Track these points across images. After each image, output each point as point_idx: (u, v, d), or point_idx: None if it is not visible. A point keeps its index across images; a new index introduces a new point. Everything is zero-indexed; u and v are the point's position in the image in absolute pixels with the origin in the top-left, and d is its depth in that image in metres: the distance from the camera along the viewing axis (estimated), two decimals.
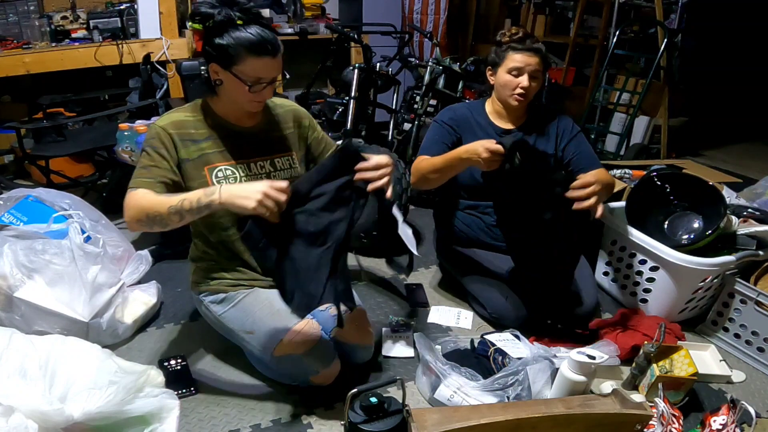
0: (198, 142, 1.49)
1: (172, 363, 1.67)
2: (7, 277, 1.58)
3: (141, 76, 3.15)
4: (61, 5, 3.21)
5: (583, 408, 1.28)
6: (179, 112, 1.51)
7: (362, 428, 1.32)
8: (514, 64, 1.80)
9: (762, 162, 4.06)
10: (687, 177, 2.06)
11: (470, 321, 1.97)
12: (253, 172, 1.54)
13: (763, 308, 1.76)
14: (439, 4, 4.70)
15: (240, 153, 1.54)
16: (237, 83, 1.42)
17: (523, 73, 1.80)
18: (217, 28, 1.39)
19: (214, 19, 1.39)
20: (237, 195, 1.28)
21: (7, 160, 3.23)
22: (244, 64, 1.39)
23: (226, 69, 1.41)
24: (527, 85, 1.80)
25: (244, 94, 1.43)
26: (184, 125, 1.48)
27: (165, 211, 1.33)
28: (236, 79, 1.41)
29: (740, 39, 4.42)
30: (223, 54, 1.40)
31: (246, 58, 1.39)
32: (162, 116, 1.49)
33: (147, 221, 1.35)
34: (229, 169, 1.51)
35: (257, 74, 1.41)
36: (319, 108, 3.43)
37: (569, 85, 4.53)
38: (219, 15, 1.39)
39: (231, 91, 1.45)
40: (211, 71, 1.45)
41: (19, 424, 1.08)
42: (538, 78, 1.83)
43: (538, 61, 1.80)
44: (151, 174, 1.41)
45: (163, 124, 1.46)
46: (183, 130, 1.47)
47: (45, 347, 1.26)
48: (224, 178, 1.49)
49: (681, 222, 1.99)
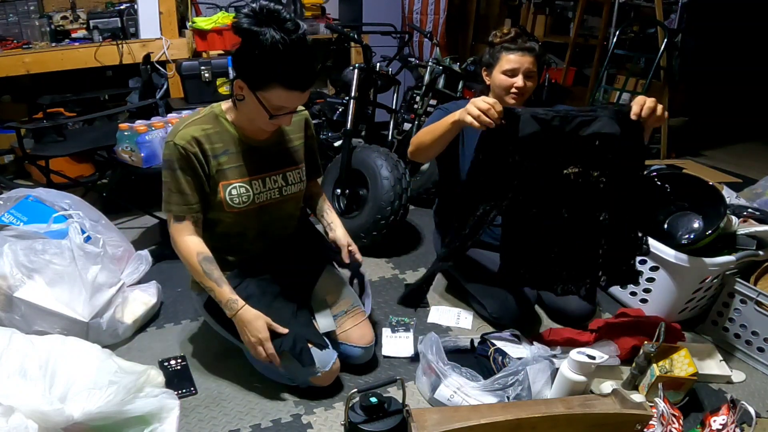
0: (217, 156, 1.48)
1: (172, 363, 1.67)
2: (7, 277, 1.58)
3: (141, 76, 3.15)
4: (61, 5, 3.21)
5: (583, 408, 1.28)
6: (196, 126, 1.45)
7: (362, 428, 1.32)
8: (508, 65, 1.80)
9: (762, 162, 4.05)
10: (687, 177, 2.05)
11: (470, 321, 1.97)
12: (267, 187, 1.56)
13: (763, 308, 1.76)
14: (438, 4, 4.70)
15: (254, 168, 1.53)
16: (259, 106, 1.39)
17: (517, 73, 1.80)
18: (257, 47, 1.30)
19: (259, 40, 1.29)
20: (242, 327, 1.48)
21: (7, 160, 3.23)
22: (271, 93, 1.36)
23: (252, 90, 1.37)
24: (522, 85, 1.80)
25: (262, 118, 1.42)
26: (203, 140, 1.45)
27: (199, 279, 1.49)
28: (258, 103, 1.38)
29: (740, 39, 4.42)
30: (252, 76, 1.35)
31: (275, 88, 1.35)
32: (178, 131, 1.43)
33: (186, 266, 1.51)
34: (243, 186, 1.50)
35: (282, 104, 1.40)
36: (319, 108, 3.42)
37: (569, 85, 4.52)
38: (264, 37, 1.28)
39: (251, 111, 1.43)
40: (235, 85, 1.41)
41: (19, 424, 1.08)
42: (533, 77, 1.82)
43: (532, 60, 1.79)
44: (182, 200, 1.46)
45: (183, 144, 1.41)
46: (203, 146, 1.45)
47: (45, 347, 1.26)
48: (237, 195, 1.50)
49: (681, 222, 1.99)
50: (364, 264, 1.90)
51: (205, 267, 1.46)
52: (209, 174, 1.48)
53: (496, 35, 1.84)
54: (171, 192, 1.46)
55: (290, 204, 1.65)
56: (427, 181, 2.93)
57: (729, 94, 4.62)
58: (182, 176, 1.44)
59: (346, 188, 2.54)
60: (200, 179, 1.46)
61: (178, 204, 1.46)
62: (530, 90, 1.84)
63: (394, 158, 2.40)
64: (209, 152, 1.46)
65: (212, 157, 1.47)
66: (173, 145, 1.42)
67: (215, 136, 1.48)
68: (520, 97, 1.84)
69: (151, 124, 2.33)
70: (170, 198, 1.46)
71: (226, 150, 1.49)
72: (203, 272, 1.46)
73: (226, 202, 1.49)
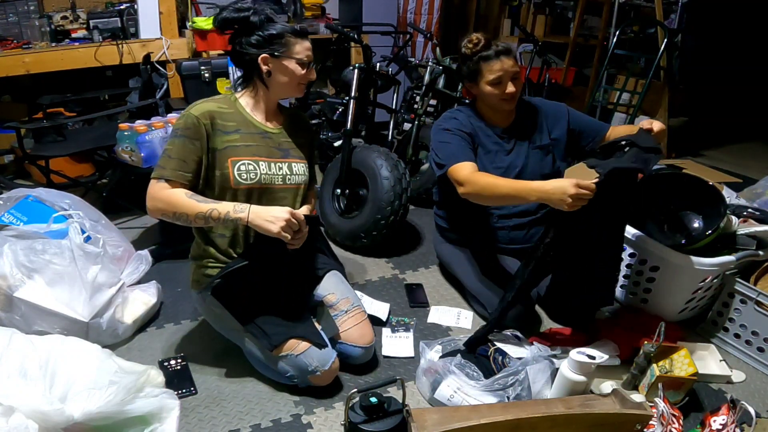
0: (227, 133, 1.55)
1: (172, 363, 1.67)
2: (7, 277, 1.58)
3: (141, 76, 3.15)
4: (61, 5, 3.22)
5: (583, 408, 1.28)
6: (212, 102, 1.57)
7: (362, 428, 1.32)
8: (492, 75, 1.79)
9: (762, 162, 4.06)
10: (687, 177, 2.05)
11: (470, 321, 1.97)
12: (273, 171, 1.61)
13: (763, 308, 1.76)
14: (433, 3, 4.70)
15: (263, 151, 1.61)
16: (292, 67, 1.55)
17: (504, 79, 1.79)
18: (253, 26, 1.53)
19: (250, 19, 1.52)
20: (264, 218, 1.44)
21: (7, 160, 3.23)
22: (295, 47, 1.56)
23: (280, 56, 1.54)
24: (513, 90, 1.80)
25: (298, 76, 1.57)
26: (217, 115, 1.54)
27: (193, 214, 1.45)
28: (292, 62, 1.55)
29: (740, 39, 4.42)
30: (275, 43, 1.54)
31: (296, 42, 1.56)
32: (195, 105, 1.55)
33: (171, 216, 1.47)
34: (251, 164, 1.56)
35: (306, 54, 1.58)
36: (319, 108, 3.42)
37: (569, 85, 4.53)
38: (254, 16, 1.53)
39: (284, 77, 1.57)
40: (261, 63, 1.55)
41: (20, 425, 1.08)
42: (518, 77, 1.82)
43: (512, 62, 1.79)
44: (179, 166, 1.48)
45: (199, 114, 1.50)
46: (215, 120, 1.53)
47: (45, 347, 1.26)
48: (246, 171, 1.55)
49: (681, 222, 1.99)
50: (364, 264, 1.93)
51: (197, 197, 1.46)
52: (214, 148, 1.52)
53: (468, 47, 1.82)
54: (169, 158, 1.48)
55: (291, 195, 1.66)
56: (427, 181, 2.93)
57: (729, 94, 4.63)
58: (188, 143, 1.48)
59: (346, 188, 2.54)
60: (201, 152, 1.51)
61: (174, 169, 1.47)
62: (520, 88, 1.84)
63: (394, 158, 2.40)
64: (220, 127, 1.54)
65: (222, 132, 1.54)
66: (188, 114, 1.51)
67: (229, 115, 1.57)
68: (513, 100, 1.84)
69: (151, 124, 2.33)
70: (167, 163, 1.47)
71: (238, 129, 1.57)
72: (197, 201, 1.45)
73: (234, 178, 1.53)
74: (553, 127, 1.94)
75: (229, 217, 1.45)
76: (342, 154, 2.52)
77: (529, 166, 1.89)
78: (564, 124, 1.93)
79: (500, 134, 1.91)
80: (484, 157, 1.89)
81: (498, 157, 1.89)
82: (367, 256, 2.42)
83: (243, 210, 1.45)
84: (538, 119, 1.94)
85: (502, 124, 1.93)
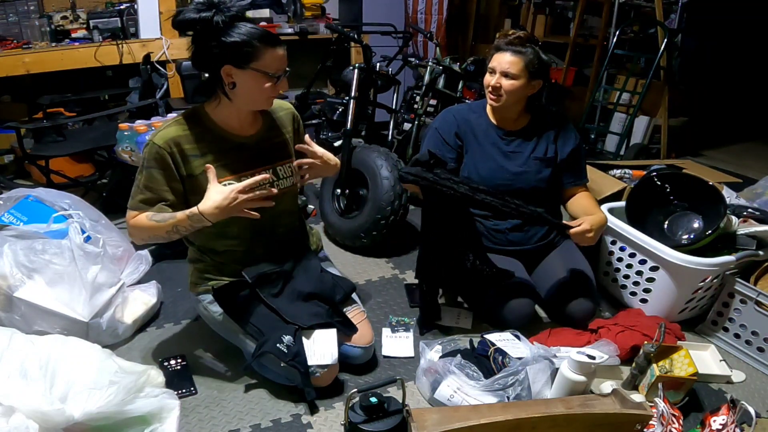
0: (200, 156, 1.48)
1: (172, 363, 1.67)
2: (7, 277, 1.58)
3: (141, 76, 3.15)
4: (61, 5, 3.22)
5: (583, 408, 1.28)
6: (176, 126, 1.47)
7: (362, 428, 1.32)
8: (491, 64, 1.81)
9: (762, 162, 4.06)
10: (687, 177, 2.06)
11: (470, 321, 1.97)
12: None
13: (763, 308, 1.76)
14: (442, 4, 4.70)
15: (242, 165, 1.53)
16: (258, 80, 1.40)
17: (495, 71, 1.79)
18: (216, 29, 1.35)
19: (213, 20, 1.34)
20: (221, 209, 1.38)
21: (7, 160, 3.23)
22: (264, 58, 1.38)
23: (244, 67, 1.38)
24: (495, 84, 1.78)
25: (264, 90, 1.43)
26: (184, 140, 1.46)
27: (162, 233, 1.44)
28: (258, 75, 1.39)
29: (740, 39, 4.42)
30: (238, 53, 1.36)
31: (264, 51, 1.38)
32: (159, 131, 1.46)
33: (149, 239, 1.50)
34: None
35: (277, 66, 1.41)
36: (319, 108, 3.42)
37: (569, 85, 4.52)
38: (216, 16, 1.34)
39: (250, 91, 1.43)
40: (224, 75, 1.40)
41: (20, 425, 1.08)
42: (512, 77, 1.76)
43: (513, 60, 1.75)
44: (146, 197, 1.45)
45: (161, 144, 1.43)
46: (183, 147, 1.46)
47: (45, 347, 1.26)
48: None
49: (681, 222, 1.99)
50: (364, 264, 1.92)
51: (157, 217, 1.43)
52: (191, 174, 1.47)
53: (498, 36, 1.84)
54: (137, 188, 1.46)
55: (285, 199, 1.64)
56: None
57: (729, 94, 4.63)
58: (155, 173, 1.44)
59: (346, 188, 2.54)
60: (173, 178, 1.46)
61: (139, 201, 1.45)
62: (510, 89, 1.77)
63: (394, 158, 2.40)
64: (190, 152, 1.47)
65: (195, 157, 1.47)
66: (151, 144, 1.44)
67: (198, 136, 1.48)
68: (497, 97, 1.81)
69: (151, 124, 2.33)
70: (135, 194, 1.46)
71: (209, 150, 1.49)
72: (157, 222, 1.42)
73: None
74: (562, 147, 1.93)
75: (194, 227, 1.43)
76: (342, 154, 2.52)
77: (524, 174, 1.89)
78: (567, 151, 1.92)
79: (503, 135, 1.91)
80: (476, 150, 1.89)
81: (491, 155, 1.89)
82: (367, 256, 2.42)
83: (201, 220, 1.39)
84: (552, 131, 1.93)
85: (509, 127, 1.92)
